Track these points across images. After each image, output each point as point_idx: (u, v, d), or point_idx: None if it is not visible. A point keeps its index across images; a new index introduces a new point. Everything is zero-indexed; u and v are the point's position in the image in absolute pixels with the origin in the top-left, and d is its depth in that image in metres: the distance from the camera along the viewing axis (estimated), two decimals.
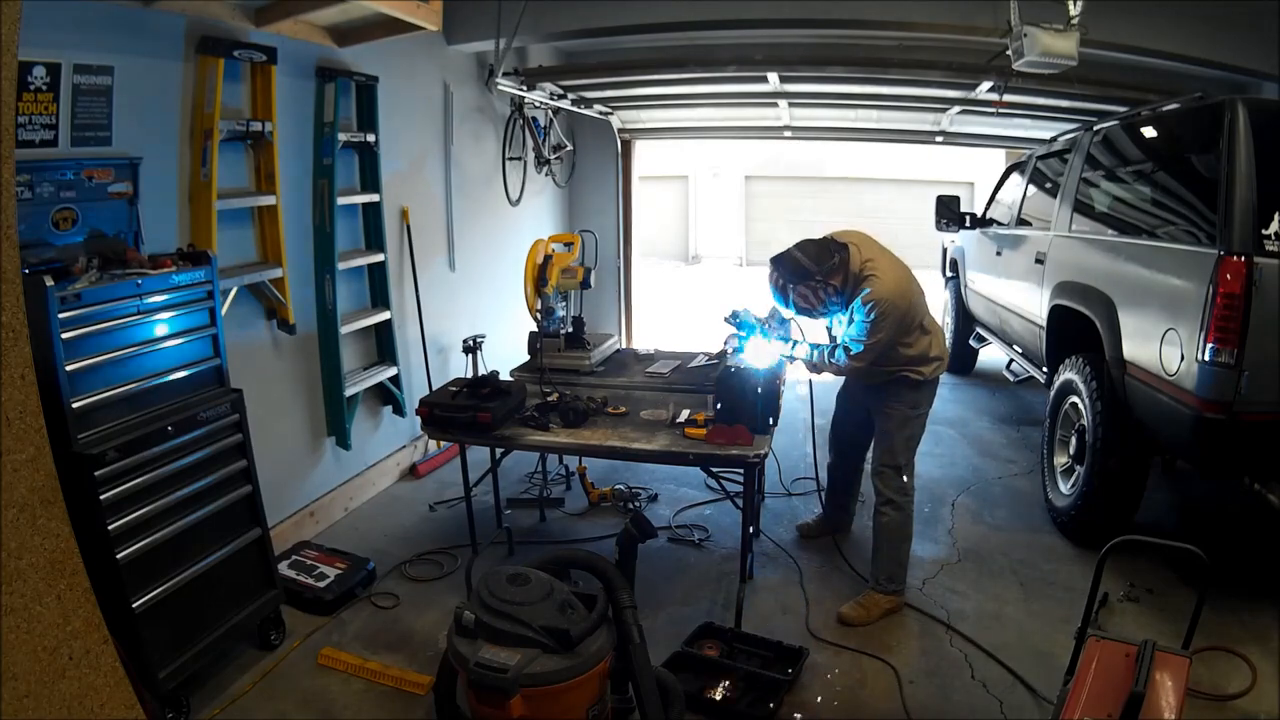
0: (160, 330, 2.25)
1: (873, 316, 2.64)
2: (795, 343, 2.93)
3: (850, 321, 2.74)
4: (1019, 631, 2.74)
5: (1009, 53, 3.24)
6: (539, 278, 3.35)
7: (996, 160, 7.03)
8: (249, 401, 2.51)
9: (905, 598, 2.91)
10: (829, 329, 2.99)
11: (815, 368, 2.91)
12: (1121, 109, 3.94)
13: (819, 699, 2.41)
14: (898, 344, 2.75)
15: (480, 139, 4.81)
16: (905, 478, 2.88)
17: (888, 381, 2.83)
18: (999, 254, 4.83)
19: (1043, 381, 3.97)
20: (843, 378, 3.12)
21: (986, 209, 5.38)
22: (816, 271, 2.67)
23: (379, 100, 3.62)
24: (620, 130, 6.37)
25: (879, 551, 2.91)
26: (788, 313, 2.88)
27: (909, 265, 2.82)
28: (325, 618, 2.81)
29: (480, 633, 1.88)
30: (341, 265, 3.45)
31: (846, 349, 2.75)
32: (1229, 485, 3.26)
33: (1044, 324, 3.84)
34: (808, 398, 3.54)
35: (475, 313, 4.70)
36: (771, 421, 2.84)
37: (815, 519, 3.49)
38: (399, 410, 3.96)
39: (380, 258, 3.73)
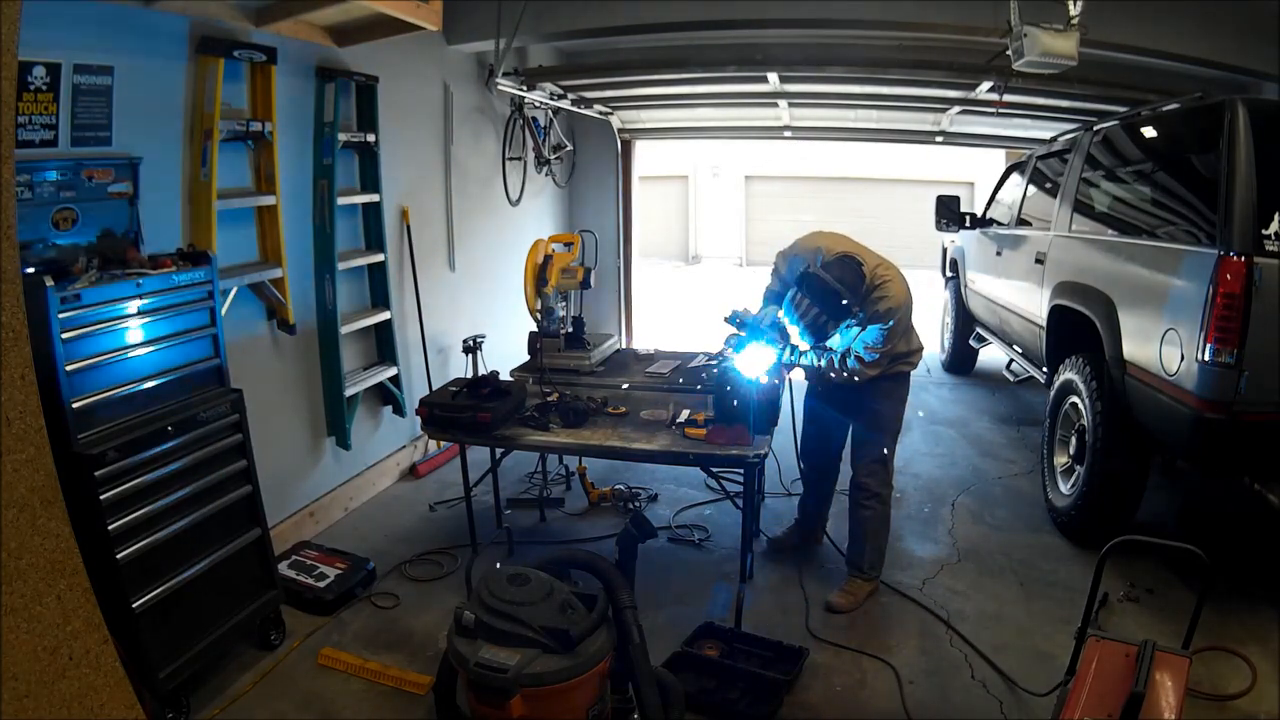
0: (160, 330, 2.25)
1: (890, 324, 2.66)
2: (796, 349, 2.88)
3: (861, 328, 2.72)
4: (1019, 631, 2.74)
5: (1009, 53, 3.24)
6: (539, 278, 3.35)
7: (996, 160, 7.03)
8: (249, 401, 2.51)
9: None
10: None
11: (820, 373, 2.88)
12: (1121, 109, 3.94)
13: (819, 699, 2.41)
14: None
15: (480, 139, 4.81)
16: (889, 469, 2.95)
17: (879, 378, 2.81)
18: (999, 254, 4.83)
19: (1043, 381, 3.97)
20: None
21: (986, 209, 5.38)
22: (856, 304, 2.63)
23: (379, 100, 3.62)
24: (620, 130, 6.38)
25: (863, 541, 2.94)
26: (793, 329, 2.79)
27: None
28: (325, 618, 2.80)
29: (480, 633, 1.89)
30: (341, 265, 3.45)
31: (859, 357, 2.73)
32: (1229, 485, 3.26)
33: (1044, 324, 3.83)
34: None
35: (475, 313, 4.70)
36: (771, 422, 2.84)
37: (788, 530, 3.38)
38: (399, 410, 3.96)
39: (380, 258, 3.73)
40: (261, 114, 2.97)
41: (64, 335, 1.96)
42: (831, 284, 2.58)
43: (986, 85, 4.17)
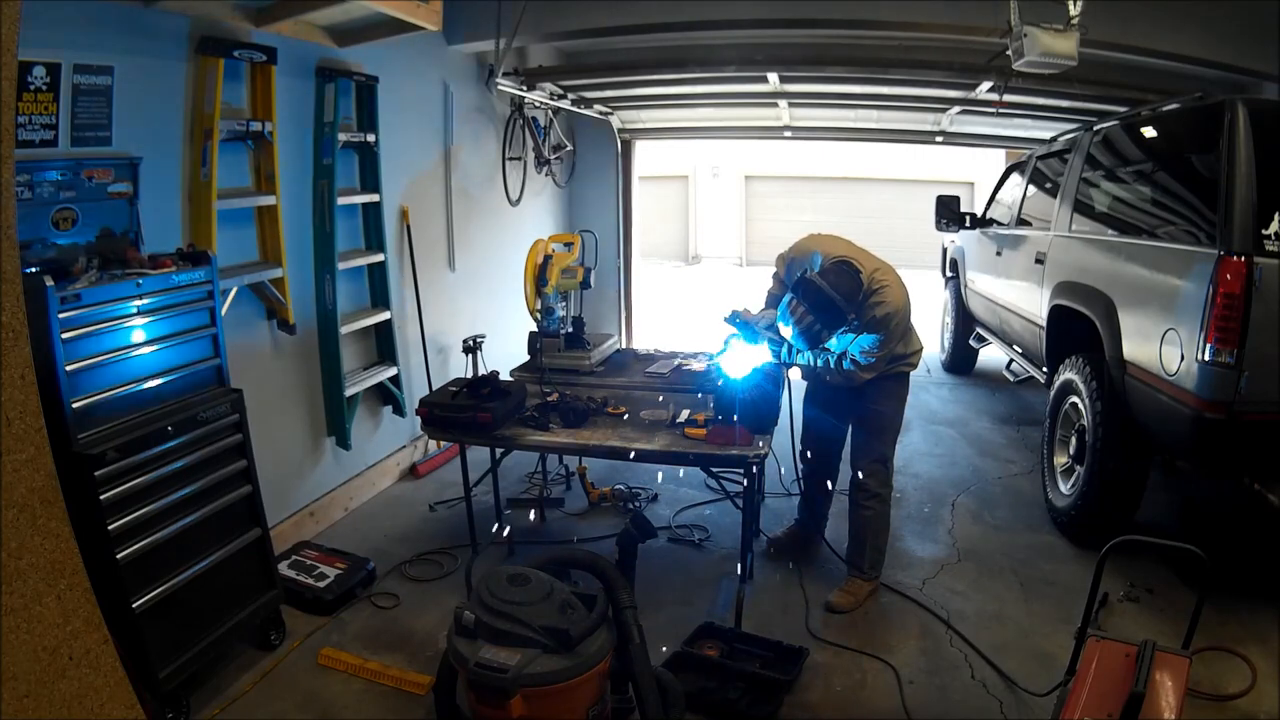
0: (160, 330, 2.25)
1: (889, 328, 2.65)
2: (794, 350, 2.86)
3: (857, 334, 2.72)
4: (1019, 631, 2.74)
5: (1009, 53, 3.24)
6: (539, 278, 3.35)
7: (996, 160, 7.03)
8: (249, 401, 2.50)
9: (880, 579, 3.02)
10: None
11: (817, 374, 2.89)
12: (1121, 109, 3.94)
13: (819, 699, 2.41)
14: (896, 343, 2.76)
15: (480, 139, 4.81)
16: (889, 469, 2.95)
17: (879, 379, 2.81)
18: (999, 254, 4.83)
19: (1043, 381, 3.97)
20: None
21: (986, 209, 5.38)
22: (852, 311, 2.61)
23: (379, 100, 3.62)
24: (620, 130, 6.37)
25: (863, 543, 2.94)
26: (787, 329, 2.72)
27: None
28: (325, 618, 2.81)
29: (480, 633, 1.89)
30: (341, 265, 3.45)
31: (855, 360, 2.72)
32: (1229, 485, 3.26)
33: (1044, 324, 3.83)
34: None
35: (475, 313, 4.70)
36: (771, 422, 2.84)
37: (786, 531, 3.37)
38: (399, 410, 3.96)
39: (380, 258, 3.73)
40: (261, 114, 2.97)
41: (64, 335, 1.96)
42: (827, 291, 2.55)
43: (986, 85, 4.17)
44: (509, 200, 5.09)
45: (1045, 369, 3.92)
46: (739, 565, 2.99)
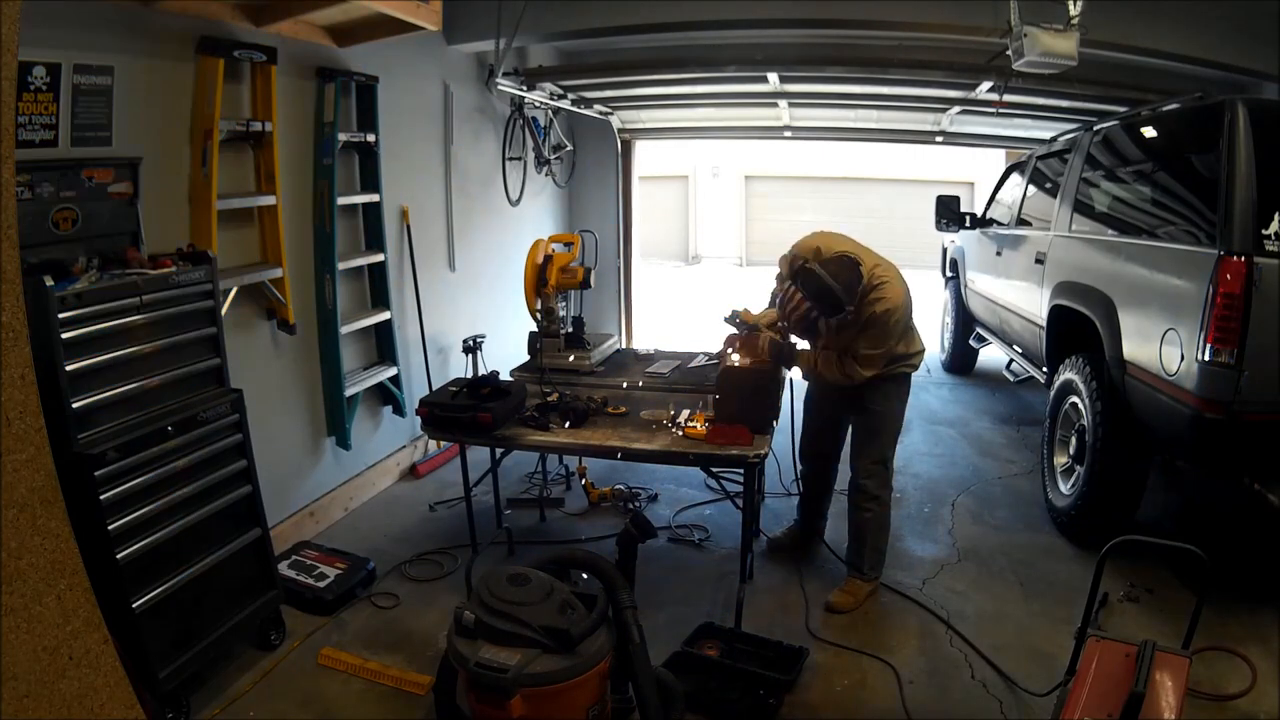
0: (160, 330, 2.25)
1: (889, 324, 2.65)
2: (796, 349, 2.87)
3: (860, 329, 2.72)
4: (1019, 631, 2.74)
5: (1009, 53, 3.25)
6: (539, 278, 3.35)
7: (996, 160, 7.02)
8: (249, 401, 2.50)
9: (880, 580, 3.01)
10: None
11: (818, 376, 2.88)
12: (1121, 109, 3.94)
13: (819, 699, 2.41)
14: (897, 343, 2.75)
15: (480, 139, 4.81)
16: (889, 470, 2.95)
17: (879, 379, 2.81)
18: (999, 254, 4.83)
19: (1043, 381, 3.97)
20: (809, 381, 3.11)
21: (986, 209, 5.38)
22: (850, 303, 2.61)
23: (379, 100, 3.62)
24: (620, 130, 6.38)
25: (863, 543, 2.94)
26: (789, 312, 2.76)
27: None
28: (325, 618, 2.81)
29: (480, 633, 1.89)
30: (341, 265, 3.45)
31: (855, 358, 2.73)
32: (1229, 485, 3.26)
33: (1044, 324, 3.84)
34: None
35: (475, 313, 4.70)
36: (772, 421, 2.84)
37: (787, 531, 3.38)
38: (399, 410, 3.96)
39: (380, 258, 3.73)
40: (261, 114, 2.97)
41: (64, 335, 1.96)
42: (826, 279, 2.55)
43: (986, 85, 4.17)
44: (509, 200, 5.09)
45: (1045, 369, 3.92)
46: (739, 565, 2.99)
